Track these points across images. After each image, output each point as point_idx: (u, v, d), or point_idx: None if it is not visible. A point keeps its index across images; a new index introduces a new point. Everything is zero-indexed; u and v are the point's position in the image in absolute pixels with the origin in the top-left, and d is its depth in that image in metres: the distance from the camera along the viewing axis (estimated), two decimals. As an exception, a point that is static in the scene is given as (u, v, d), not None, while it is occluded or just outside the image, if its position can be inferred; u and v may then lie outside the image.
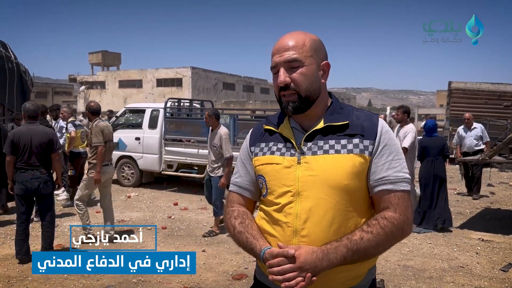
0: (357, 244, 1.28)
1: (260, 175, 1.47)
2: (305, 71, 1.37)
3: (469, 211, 7.20)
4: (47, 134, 4.58)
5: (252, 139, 1.56)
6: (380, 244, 1.31)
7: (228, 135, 5.66)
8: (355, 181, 1.35)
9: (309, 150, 1.38)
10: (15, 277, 4.12)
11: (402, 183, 1.36)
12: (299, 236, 1.34)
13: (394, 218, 1.32)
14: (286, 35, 1.42)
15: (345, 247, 1.27)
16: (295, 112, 1.40)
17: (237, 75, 49.92)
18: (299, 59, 1.36)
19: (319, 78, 1.42)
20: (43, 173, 4.52)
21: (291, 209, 1.36)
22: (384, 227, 1.30)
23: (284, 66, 1.37)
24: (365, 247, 1.28)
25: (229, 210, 1.56)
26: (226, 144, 5.50)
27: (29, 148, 4.45)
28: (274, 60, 1.40)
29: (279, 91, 1.41)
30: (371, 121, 1.41)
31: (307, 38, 1.40)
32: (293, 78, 1.37)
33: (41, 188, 4.49)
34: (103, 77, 47.12)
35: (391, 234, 1.31)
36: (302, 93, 1.38)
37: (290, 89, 1.38)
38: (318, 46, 1.42)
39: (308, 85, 1.38)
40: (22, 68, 9.68)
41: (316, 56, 1.40)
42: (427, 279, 4.22)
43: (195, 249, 5.07)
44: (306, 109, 1.40)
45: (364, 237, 1.29)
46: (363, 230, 1.31)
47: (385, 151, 1.38)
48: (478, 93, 13.66)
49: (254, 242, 1.39)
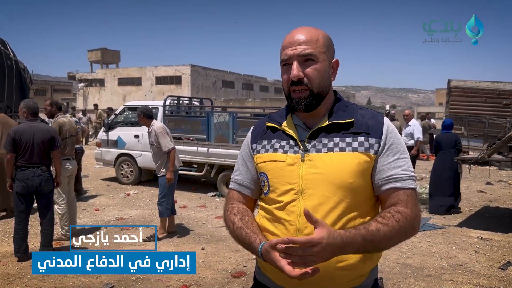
0: (373, 235, 1.24)
1: (262, 173, 1.45)
2: (319, 67, 1.35)
3: (468, 209, 7.21)
4: (49, 132, 4.58)
5: (253, 136, 1.54)
6: (393, 237, 1.28)
7: (163, 129, 5.40)
8: (359, 180, 1.33)
9: (313, 147, 1.36)
10: (14, 274, 4.12)
11: (409, 181, 1.35)
12: (302, 234, 1.31)
13: (407, 213, 1.30)
14: (299, 28, 1.39)
15: (362, 236, 1.23)
16: (307, 109, 1.37)
17: (236, 73, 49.86)
18: (313, 54, 1.34)
19: (330, 75, 1.40)
20: (44, 171, 4.51)
21: (294, 207, 1.34)
22: (399, 221, 1.27)
23: (297, 60, 1.34)
24: (379, 240, 1.25)
25: (228, 207, 1.53)
26: (162, 139, 5.28)
27: (31, 145, 4.43)
28: (286, 52, 1.35)
29: (290, 86, 1.37)
30: (376, 120, 1.40)
31: (320, 34, 1.38)
32: (306, 73, 1.34)
33: (43, 186, 4.49)
34: (102, 74, 47.04)
35: (404, 229, 1.29)
36: (315, 90, 1.35)
37: (303, 85, 1.34)
38: (330, 43, 1.41)
39: (320, 82, 1.36)
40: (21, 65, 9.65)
41: (328, 53, 1.39)
42: (426, 277, 4.22)
43: (194, 247, 5.07)
44: (317, 106, 1.38)
45: (380, 229, 1.25)
46: (379, 221, 1.27)
47: (391, 149, 1.37)
48: (477, 91, 13.62)
49: (253, 236, 1.36)
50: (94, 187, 8.86)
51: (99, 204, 7.28)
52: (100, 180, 9.75)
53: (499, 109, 12.72)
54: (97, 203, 7.33)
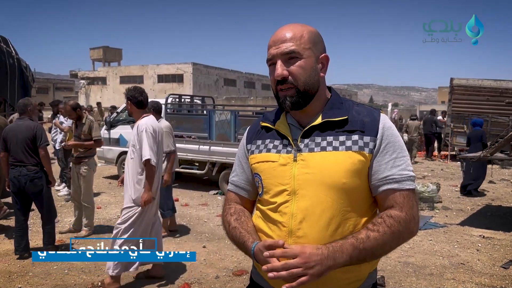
0: (363, 243, 1.21)
1: (256, 174, 1.42)
2: (304, 64, 1.31)
3: (470, 208, 7.20)
4: (31, 129, 4.44)
5: (248, 137, 1.51)
6: (387, 243, 1.25)
7: (169, 128, 5.37)
8: (354, 180, 1.28)
9: (306, 147, 1.33)
10: (16, 272, 4.13)
11: (407, 182, 1.30)
12: (295, 236, 1.28)
13: (400, 217, 1.26)
14: (284, 26, 1.35)
15: (351, 245, 1.20)
16: (293, 107, 1.33)
17: (238, 71, 49.88)
18: (297, 51, 1.30)
19: (318, 71, 1.35)
20: (31, 170, 4.41)
21: (286, 208, 1.31)
22: (391, 226, 1.24)
23: (281, 59, 1.31)
24: (371, 246, 1.22)
25: (226, 207, 1.52)
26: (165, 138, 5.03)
27: (16, 144, 4.40)
28: (270, 52, 1.33)
29: (276, 85, 1.34)
30: (372, 116, 1.34)
31: (305, 30, 1.34)
32: (290, 71, 1.31)
33: (28, 186, 4.40)
34: (104, 72, 47.13)
35: (398, 233, 1.25)
36: (301, 87, 1.31)
37: (288, 83, 1.31)
38: (317, 38, 1.36)
39: (306, 79, 1.31)
40: (23, 63, 9.67)
41: (315, 49, 1.34)
42: (428, 276, 4.22)
43: (196, 245, 5.08)
44: (305, 104, 1.34)
45: (370, 235, 1.22)
46: (369, 228, 1.25)
47: (388, 148, 1.31)
48: (480, 89, 13.59)
49: (247, 236, 1.35)
50: (96, 185, 8.84)
51: (101, 202, 7.29)
52: (102, 178, 9.77)
53: (502, 107, 12.71)
54: (99, 201, 7.34)
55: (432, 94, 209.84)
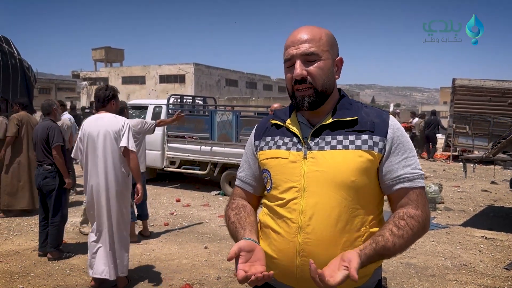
0: (389, 251, 1.28)
1: (265, 169, 1.45)
2: (322, 65, 1.35)
3: (472, 209, 7.17)
4: (46, 129, 4.59)
5: (257, 133, 1.54)
6: (407, 245, 1.32)
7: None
8: (363, 178, 1.32)
9: (316, 145, 1.36)
10: (18, 273, 4.13)
11: (418, 180, 1.35)
12: (304, 232, 1.31)
13: (419, 216, 1.32)
14: (302, 28, 1.39)
15: (379, 255, 1.27)
16: (311, 107, 1.37)
17: (240, 72, 49.84)
18: (316, 52, 1.34)
19: (334, 73, 1.40)
20: (45, 170, 4.54)
21: (295, 205, 1.33)
22: (413, 228, 1.30)
23: (300, 59, 1.34)
24: (394, 252, 1.29)
25: (230, 202, 1.57)
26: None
27: (36, 144, 4.62)
28: (289, 52, 1.36)
29: (294, 85, 1.37)
30: (381, 118, 1.38)
31: (323, 32, 1.38)
32: (310, 72, 1.34)
33: (42, 185, 4.54)
34: (106, 73, 47.19)
35: (417, 233, 1.32)
36: (319, 88, 1.35)
37: (306, 83, 1.35)
38: (333, 41, 1.41)
39: (324, 80, 1.36)
40: (25, 64, 9.68)
41: (332, 51, 1.39)
42: (430, 277, 4.20)
43: (197, 245, 5.07)
44: (321, 104, 1.38)
45: (396, 243, 1.27)
46: (394, 234, 1.28)
47: (400, 149, 1.36)
48: (482, 90, 13.55)
49: (240, 231, 1.38)
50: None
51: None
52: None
53: (504, 108, 12.65)
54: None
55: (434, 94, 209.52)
